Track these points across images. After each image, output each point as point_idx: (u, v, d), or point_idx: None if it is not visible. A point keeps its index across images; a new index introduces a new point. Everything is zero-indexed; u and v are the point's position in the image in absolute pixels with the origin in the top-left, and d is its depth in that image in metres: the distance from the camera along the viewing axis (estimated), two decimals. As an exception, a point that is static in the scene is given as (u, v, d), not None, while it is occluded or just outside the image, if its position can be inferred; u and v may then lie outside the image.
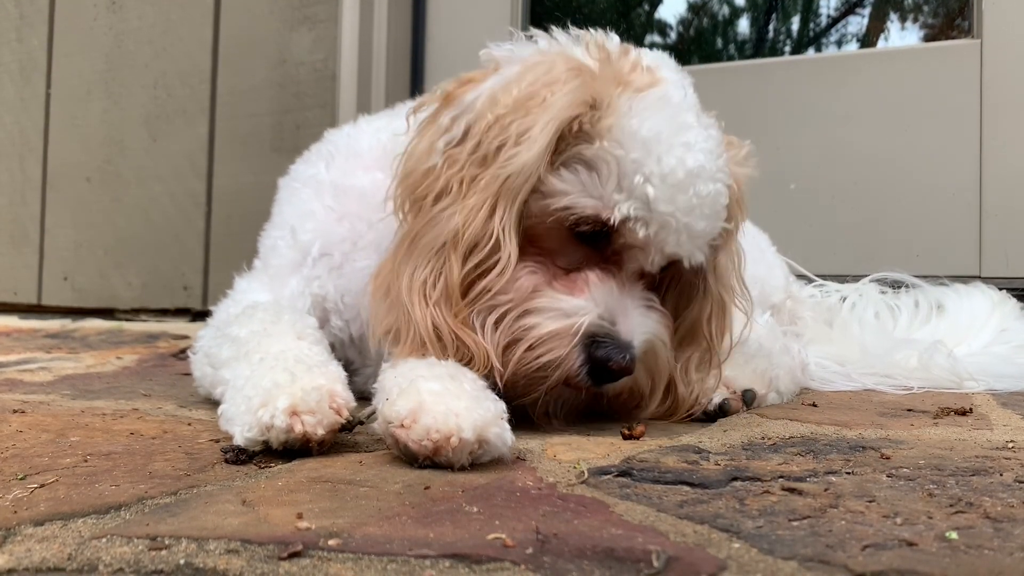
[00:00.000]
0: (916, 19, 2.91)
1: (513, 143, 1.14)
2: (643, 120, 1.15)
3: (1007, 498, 0.85)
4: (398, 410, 0.97)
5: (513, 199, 1.14)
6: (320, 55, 2.98)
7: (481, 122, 1.17)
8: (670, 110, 1.18)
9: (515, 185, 1.14)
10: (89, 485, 0.88)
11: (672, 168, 1.14)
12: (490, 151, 1.15)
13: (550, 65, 1.19)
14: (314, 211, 1.46)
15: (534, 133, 1.13)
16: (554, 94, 1.15)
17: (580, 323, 1.13)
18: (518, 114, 1.15)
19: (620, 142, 1.14)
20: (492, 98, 1.18)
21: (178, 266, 3.21)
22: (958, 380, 1.67)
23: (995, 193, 2.44)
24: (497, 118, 1.16)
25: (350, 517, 0.77)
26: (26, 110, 3.56)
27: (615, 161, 1.14)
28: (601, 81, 1.18)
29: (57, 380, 1.69)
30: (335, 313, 1.43)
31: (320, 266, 1.43)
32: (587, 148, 1.15)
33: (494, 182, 1.14)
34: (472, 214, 1.13)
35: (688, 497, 0.86)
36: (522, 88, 1.17)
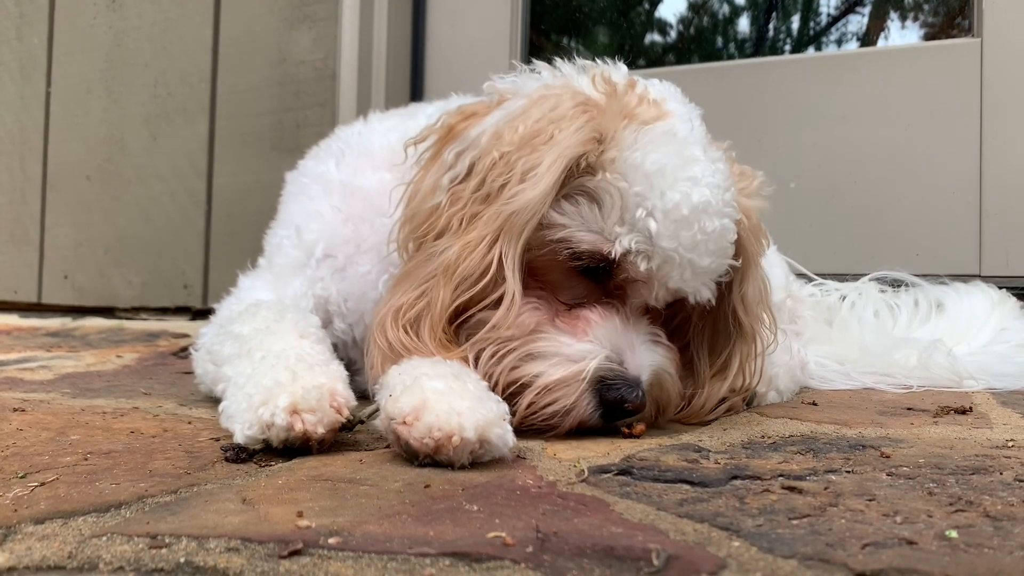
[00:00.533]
0: (916, 18, 2.90)
1: (518, 180, 1.12)
2: (647, 153, 1.14)
3: (1007, 497, 0.85)
4: (401, 407, 0.98)
5: (517, 236, 1.12)
6: (320, 54, 2.98)
7: (486, 159, 1.16)
8: (676, 144, 1.16)
9: (519, 222, 1.12)
10: (89, 483, 0.88)
11: (676, 203, 1.12)
12: (493, 189, 1.14)
13: (556, 101, 1.18)
14: (320, 211, 1.46)
15: (540, 171, 1.11)
16: (561, 131, 1.14)
17: (588, 368, 1.12)
18: (523, 151, 1.13)
19: (623, 175, 1.13)
20: (497, 134, 1.17)
21: (178, 265, 3.21)
22: (958, 379, 1.67)
23: (995, 192, 2.44)
24: (502, 155, 1.15)
25: (350, 515, 0.77)
26: (26, 109, 3.56)
27: (617, 193, 1.13)
28: (608, 115, 1.17)
29: (57, 379, 1.69)
30: (338, 316, 1.43)
31: (323, 268, 1.43)
32: (589, 180, 1.14)
33: (496, 218, 1.12)
34: (470, 248, 1.12)
35: (688, 496, 0.86)
36: (528, 125, 1.15)
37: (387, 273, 1.38)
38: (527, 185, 1.12)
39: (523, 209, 1.11)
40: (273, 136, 3.05)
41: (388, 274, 1.38)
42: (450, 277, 1.13)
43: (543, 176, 1.11)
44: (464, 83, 2.99)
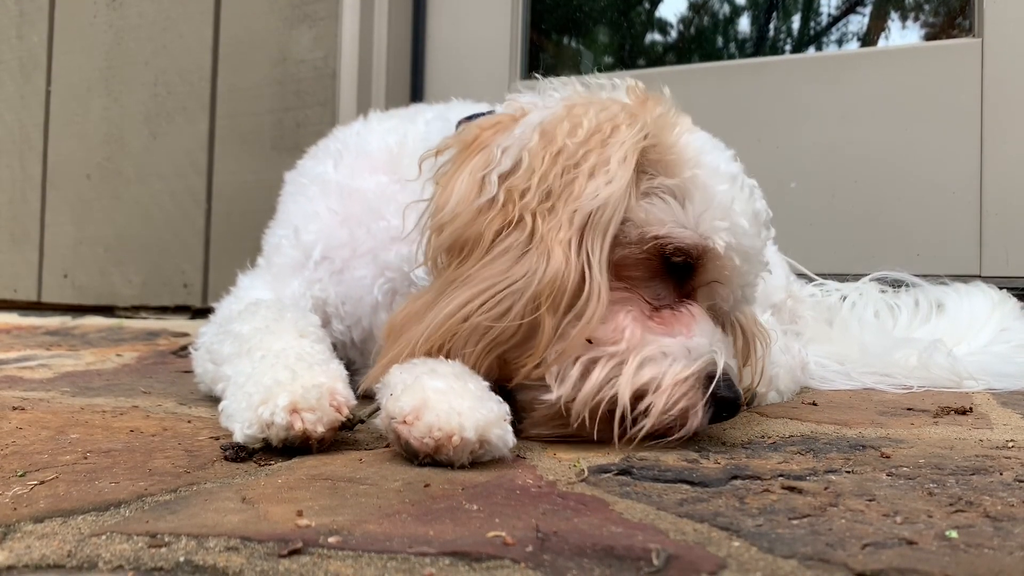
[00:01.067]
0: (917, 18, 2.90)
1: (588, 175, 1.09)
2: (717, 157, 1.17)
3: (1007, 497, 0.85)
4: (401, 406, 0.98)
5: (603, 234, 1.08)
6: (320, 53, 2.97)
7: (542, 153, 1.11)
8: (726, 153, 1.21)
9: (604, 219, 1.08)
10: (89, 482, 0.88)
11: (755, 206, 1.17)
12: (556, 185, 1.10)
13: (602, 104, 1.17)
14: (318, 212, 1.45)
15: (613, 166, 1.09)
16: (623, 127, 1.13)
17: (711, 364, 1.07)
18: (588, 145, 1.11)
19: (707, 175, 1.13)
20: (545, 130, 1.14)
21: (178, 263, 3.21)
22: (958, 379, 1.67)
23: (996, 192, 2.44)
24: (560, 149, 1.11)
25: (350, 515, 0.77)
26: (26, 107, 3.56)
27: (706, 191, 1.12)
28: (654, 121, 1.16)
29: (57, 377, 1.69)
30: (336, 318, 1.43)
31: (321, 269, 1.43)
32: (669, 180, 1.13)
33: (576, 216, 1.07)
34: (561, 250, 1.06)
35: (688, 495, 0.86)
36: (589, 119, 1.13)
37: (383, 277, 1.38)
38: (602, 180, 1.09)
39: (606, 204, 1.08)
40: (273, 135, 3.05)
41: (384, 278, 1.38)
42: (552, 293, 1.05)
43: (618, 170, 1.09)
44: (465, 82, 3.00)
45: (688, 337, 1.10)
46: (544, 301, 1.05)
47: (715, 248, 1.12)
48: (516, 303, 1.05)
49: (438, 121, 1.44)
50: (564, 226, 1.07)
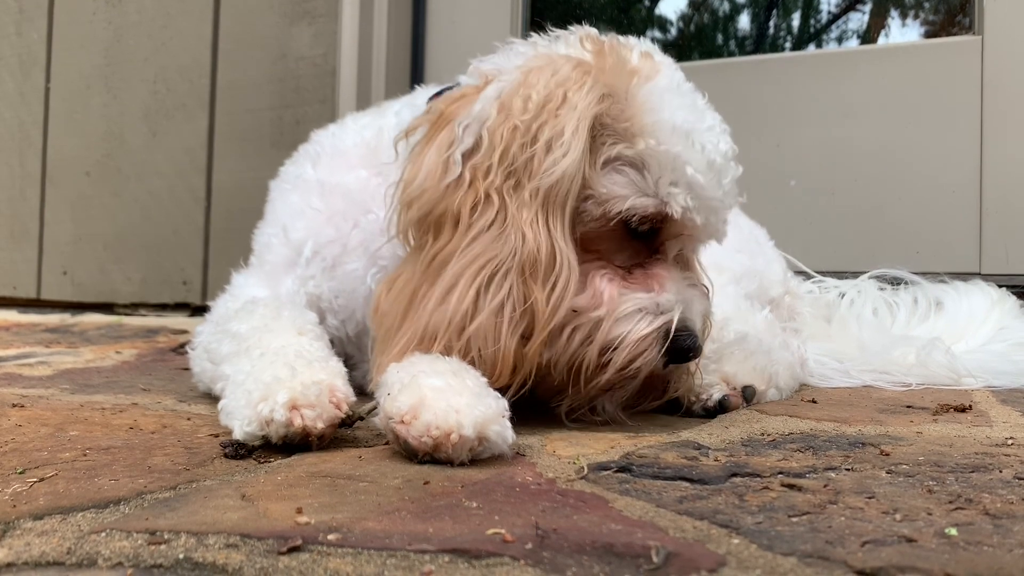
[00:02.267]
0: (917, 16, 2.90)
1: (545, 149, 1.12)
2: (673, 111, 1.18)
3: (1006, 495, 0.85)
4: (399, 405, 0.97)
5: (563, 207, 1.13)
6: (320, 50, 2.97)
7: (500, 129, 1.14)
8: (687, 96, 1.22)
9: (562, 192, 1.13)
10: (88, 479, 0.88)
11: (712, 156, 1.19)
12: (518, 159, 1.13)
13: (555, 66, 1.18)
14: (303, 211, 1.46)
15: (566, 138, 1.12)
16: (573, 93, 1.14)
17: (670, 320, 1.16)
18: (541, 118, 1.13)
19: (660, 138, 1.16)
20: (503, 105, 1.16)
21: (177, 261, 3.20)
22: (956, 377, 1.67)
23: (995, 190, 2.44)
24: (516, 125, 1.13)
25: (349, 512, 0.77)
26: (25, 104, 3.56)
27: (661, 157, 1.16)
28: (609, 73, 1.18)
29: (56, 374, 1.69)
30: (330, 313, 1.43)
31: (313, 266, 1.43)
32: (627, 148, 1.16)
33: (537, 193, 1.12)
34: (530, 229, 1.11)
35: (687, 493, 0.86)
36: (538, 91, 1.15)
37: (375, 267, 1.38)
38: (559, 154, 1.12)
39: (563, 178, 1.12)
40: (273, 132, 3.05)
41: (377, 267, 1.38)
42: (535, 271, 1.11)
43: (571, 142, 1.12)
44: (464, 80, 3.00)
45: (659, 293, 1.18)
46: (529, 277, 1.11)
47: (671, 215, 1.17)
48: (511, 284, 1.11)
49: (407, 109, 1.45)
50: (528, 204, 1.12)
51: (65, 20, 3.48)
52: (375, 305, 1.21)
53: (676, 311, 1.17)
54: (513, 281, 1.11)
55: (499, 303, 1.10)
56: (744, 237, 1.87)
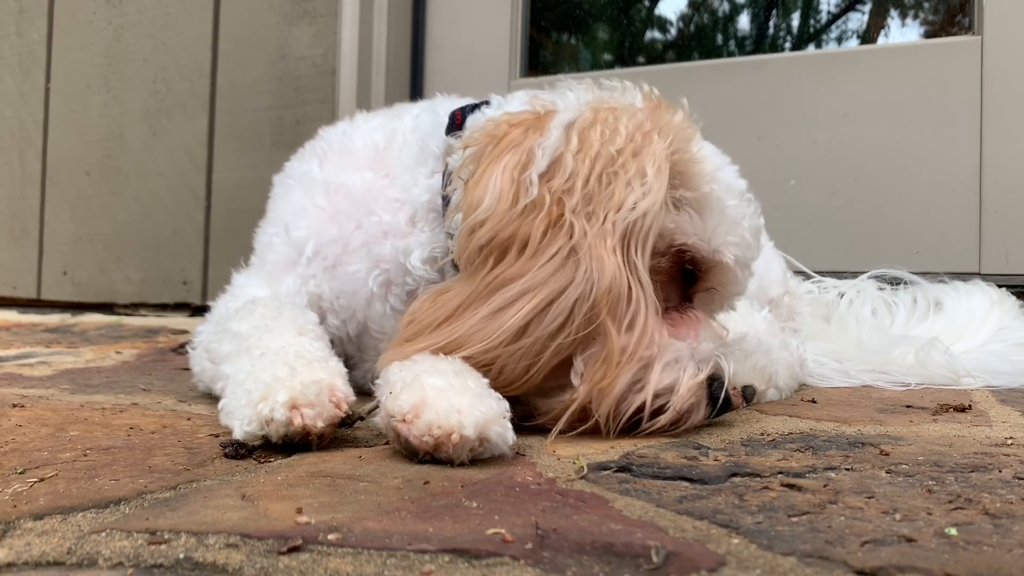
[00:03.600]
0: (917, 15, 2.90)
1: (626, 185, 1.12)
2: (728, 173, 1.25)
3: (1006, 494, 0.85)
4: (401, 405, 0.98)
5: (645, 243, 1.13)
6: (320, 50, 2.97)
7: (582, 156, 1.13)
8: (733, 168, 1.29)
9: (644, 230, 1.12)
10: (88, 479, 0.88)
11: (753, 220, 1.26)
12: (599, 190, 1.11)
13: (629, 112, 1.20)
14: (306, 209, 1.45)
15: (650, 177, 1.13)
16: (653, 139, 1.16)
17: (711, 368, 1.16)
18: (624, 155, 1.14)
19: (719, 191, 1.21)
20: (583, 135, 1.15)
21: (178, 261, 3.20)
22: (955, 376, 1.67)
23: (995, 190, 2.45)
24: (599, 153, 1.13)
25: (349, 512, 0.77)
26: (25, 104, 3.56)
27: (720, 206, 1.20)
28: (676, 127, 1.21)
29: (56, 374, 1.69)
30: (331, 313, 1.43)
31: (315, 265, 1.43)
32: (689, 192, 1.19)
33: (619, 224, 1.10)
34: (610, 259, 1.08)
35: (687, 493, 0.86)
36: (622, 128, 1.16)
37: (377, 269, 1.38)
38: (640, 192, 1.12)
39: (647, 214, 1.12)
40: (273, 132, 3.05)
41: (379, 270, 1.38)
42: (610, 300, 1.08)
43: (655, 181, 1.13)
44: (464, 79, 3.00)
45: (696, 341, 1.17)
46: (603, 308, 1.07)
47: (726, 262, 1.21)
48: (576, 311, 1.07)
49: (426, 114, 1.45)
50: (608, 234, 1.09)
51: (65, 20, 3.48)
52: (410, 311, 1.17)
53: (720, 361, 1.17)
54: (583, 308, 1.07)
55: (557, 327, 1.07)
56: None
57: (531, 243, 1.09)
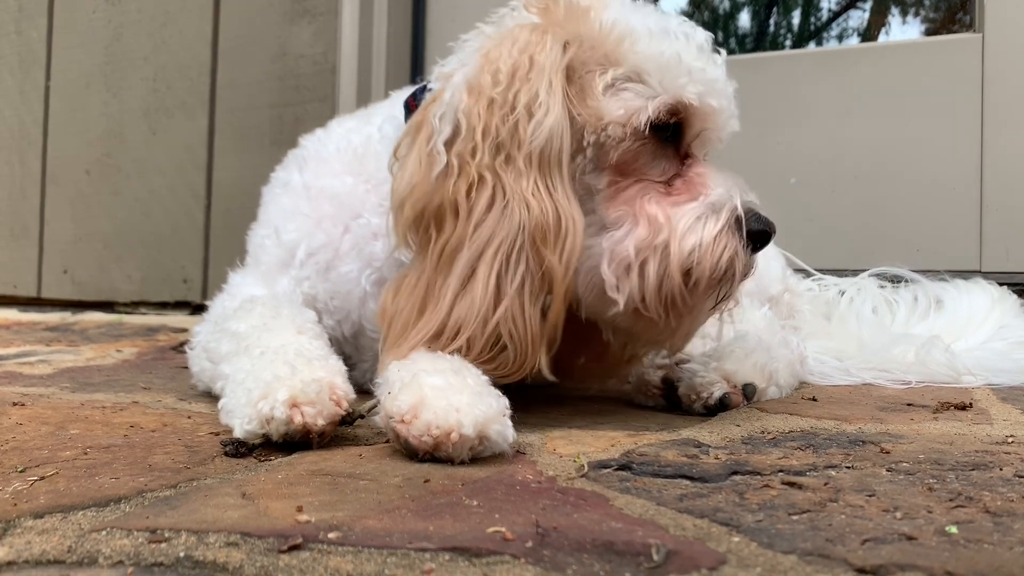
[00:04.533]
0: (917, 13, 2.90)
1: (526, 115, 1.13)
2: (642, 20, 1.21)
3: (1007, 492, 0.85)
4: (399, 405, 0.97)
5: (558, 166, 1.14)
6: (320, 48, 2.97)
7: (475, 109, 1.14)
8: (647, 7, 1.25)
9: (554, 151, 1.13)
10: (89, 478, 0.88)
11: (697, 41, 1.21)
12: (502, 132, 1.13)
13: (512, 37, 1.19)
14: (294, 213, 1.46)
15: (543, 97, 1.13)
16: (537, 55, 1.16)
17: (734, 208, 1.16)
18: (513, 87, 1.14)
19: (643, 46, 1.18)
20: (471, 86, 1.16)
21: (178, 259, 3.21)
22: (955, 375, 1.67)
23: (996, 187, 2.44)
24: (492, 99, 1.14)
25: (350, 510, 0.77)
26: (25, 103, 3.56)
27: (654, 59, 1.17)
28: (564, 22, 1.20)
29: (57, 373, 1.69)
30: (326, 313, 1.42)
31: (308, 267, 1.43)
32: (618, 69, 1.17)
33: (531, 158, 1.12)
34: (533, 197, 1.11)
35: (688, 491, 0.86)
36: (504, 63, 1.16)
37: (370, 268, 1.38)
38: (539, 116, 1.13)
39: (552, 137, 1.13)
40: (273, 130, 3.05)
41: (371, 269, 1.38)
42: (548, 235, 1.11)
43: (548, 101, 1.13)
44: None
45: (707, 195, 1.17)
46: (540, 245, 1.11)
47: (690, 102, 1.18)
48: (525, 257, 1.11)
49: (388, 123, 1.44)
50: (524, 172, 1.12)
51: (65, 18, 3.48)
52: (381, 308, 1.19)
53: (736, 198, 1.17)
54: (527, 253, 1.11)
55: (520, 280, 1.11)
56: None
57: (460, 206, 1.13)
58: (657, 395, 1.39)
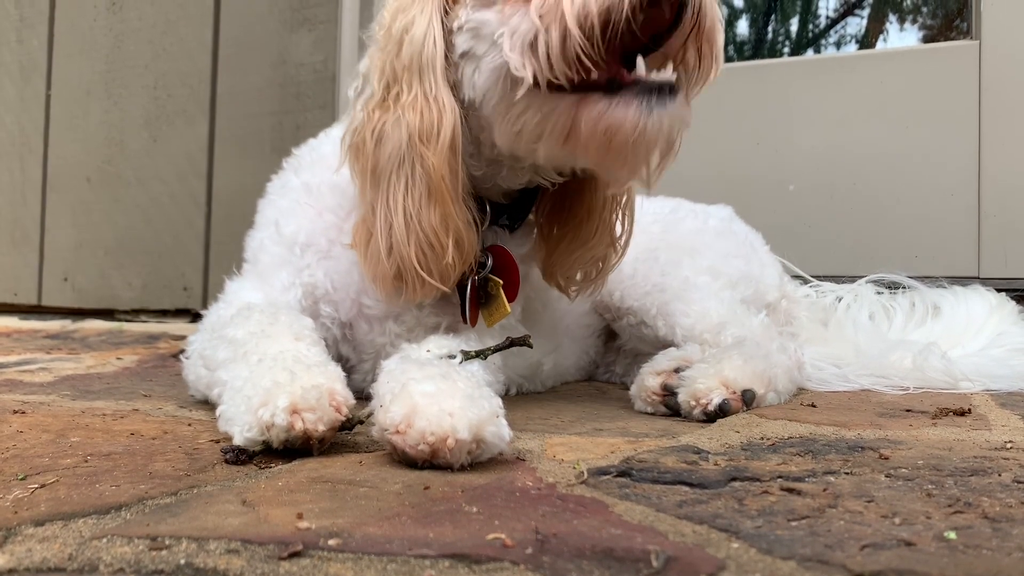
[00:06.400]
0: (915, 20, 2.91)
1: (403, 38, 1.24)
2: None
3: (1005, 498, 0.85)
4: (392, 416, 0.97)
5: (432, 66, 1.22)
6: (320, 56, 2.98)
7: (375, 58, 1.29)
8: None
9: (428, 57, 1.22)
10: (90, 485, 0.89)
11: None
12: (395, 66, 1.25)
13: None
14: (294, 209, 1.47)
15: (414, 15, 1.23)
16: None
17: None
18: (396, 23, 1.25)
19: None
20: (376, 43, 1.30)
21: (178, 266, 3.21)
22: (953, 381, 1.67)
23: (994, 194, 2.45)
24: (384, 45, 1.27)
25: (350, 517, 0.77)
26: (26, 111, 3.57)
27: None
28: None
29: (57, 380, 1.70)
30: (324, 301, 1.42)
31: (308, 255, 1.43)
32: None
33: (411, 69, 1.23)
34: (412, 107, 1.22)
35: (687, 497, 0.86)
36: (389, 10, 1.28)
37: None
38: (411, 31, 1.23)
39: (423, 44, 1.22)
40: (273, 138, 3.05)
41: None
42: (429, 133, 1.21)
43: (417, 16, 1.23)
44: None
45: None
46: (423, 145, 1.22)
47: None
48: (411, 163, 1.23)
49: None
50: (407, 89, 1.24)
51: (66, 27, 3.49)
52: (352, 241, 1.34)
53: None
54: (414, 157, 1.22)
55: (408, 184, 1.23)
56: (739, 242, 1.88)
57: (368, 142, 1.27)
58: (657, 401, 1.39)
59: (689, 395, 1.33)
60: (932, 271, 2.34)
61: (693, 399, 1.33)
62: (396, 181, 1.24)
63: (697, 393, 1.32)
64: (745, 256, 1.85)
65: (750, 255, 1.88)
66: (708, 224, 1.87)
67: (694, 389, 1.33)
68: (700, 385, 1.33)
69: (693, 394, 1.33)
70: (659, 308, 1.62)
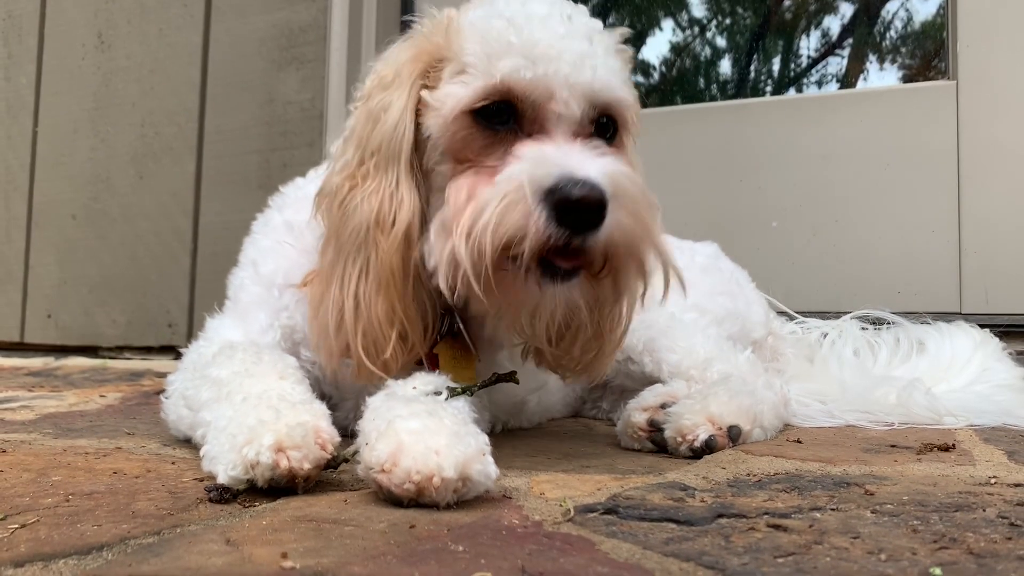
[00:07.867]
0: (894, 60, 2.97)
1: (379, 118, 1.23)
2: (486, 15, 1.21)
3: (990, 533, 0.85)
4: (378, 455, 0.97)
5: (397, 157, 1.21)
6: (308, 94, 3.00)
7: (355, 125, 1.27)
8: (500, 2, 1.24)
9: (396, 143, 1.21)
10: (71, 525, 0.88)
11: (519, 13, 1.18)
12: (371, 139, 1.23)
13: (387, 56, 1.29)
14: (274, 248, 1.48)
15: (391, 97, 1.22)
16: (402, 70, 1.24)
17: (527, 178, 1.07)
18: (376, 97, 1.24)
19: (467, 36, 1.20)
20: (358, 114, 1.28)
21: (163, 303, 3.20)
22: (937, 416, 1.68)
23: (974, 231, 2.48)
24: (366, 113, 1.25)
25: (335, 556, 0.76)
26: (12, 148, 3.57)
27: (477, 45, 1.18)
28: (428, 33, 1.26)
29: (39, 419, 1.68)
30: (303, 345, 1.42)
31: (286, 296, 1.43)
32: (453, 66, 1.20)
33: (380, 153, 1.21)
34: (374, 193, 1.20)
35: (674, 534, 0.86)
36: (372, 80, 1.27)
37: None
38: (385, 115, 1.22)
39: (394, 131, 1.21)
40: (260, 175, 3.06)
41: None
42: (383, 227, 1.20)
43: (393, 100, 1.21)
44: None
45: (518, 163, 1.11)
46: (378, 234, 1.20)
47: (513, 82, 1.15)
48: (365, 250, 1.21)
49: None
50: (373, 172, 1.22)
51: (54, 65, 3.51)
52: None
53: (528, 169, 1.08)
54: (369, 244, 1.20)
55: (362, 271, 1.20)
56: (726, 279, 1.89)
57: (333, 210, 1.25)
58: (643, 437, 1.39)
59: (675, 431, 1.33)
60: (915, 307, 2.36)
61: (679, 435, 1.33)
62: (352, 264, 1.22)
63: (683, 429, 1.33)
64: (731, 293, 1.87)
65: (736, 292, 1.89)
66: (695, 261, 1.88)
67: (680, 425, 1.33)
68: (686, 421, 1.33)
69: (679, 430, 1.33)
70: (645, 344, 1.63)
